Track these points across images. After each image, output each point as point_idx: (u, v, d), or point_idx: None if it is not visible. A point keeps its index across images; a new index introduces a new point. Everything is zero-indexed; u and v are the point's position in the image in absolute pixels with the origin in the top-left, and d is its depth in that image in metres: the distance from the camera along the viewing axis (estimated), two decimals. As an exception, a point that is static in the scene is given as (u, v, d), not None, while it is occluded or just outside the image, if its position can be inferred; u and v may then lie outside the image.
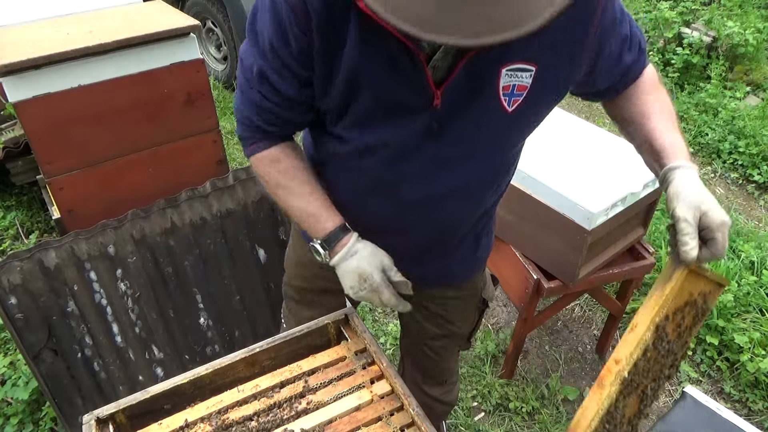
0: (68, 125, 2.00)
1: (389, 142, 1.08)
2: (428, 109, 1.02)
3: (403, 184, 1.14)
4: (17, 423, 2.15)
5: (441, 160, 1.10)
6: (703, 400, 1.47)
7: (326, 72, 1.01)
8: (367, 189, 1.19)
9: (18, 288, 1.76)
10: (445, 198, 1.17)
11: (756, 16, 5.18)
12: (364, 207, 1.22)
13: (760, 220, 3.46)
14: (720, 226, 1.01)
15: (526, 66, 1.00)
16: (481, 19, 0.68)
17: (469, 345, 1.66)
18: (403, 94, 1.01)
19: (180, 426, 1.15)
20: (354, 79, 1.00)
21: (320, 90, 1.05)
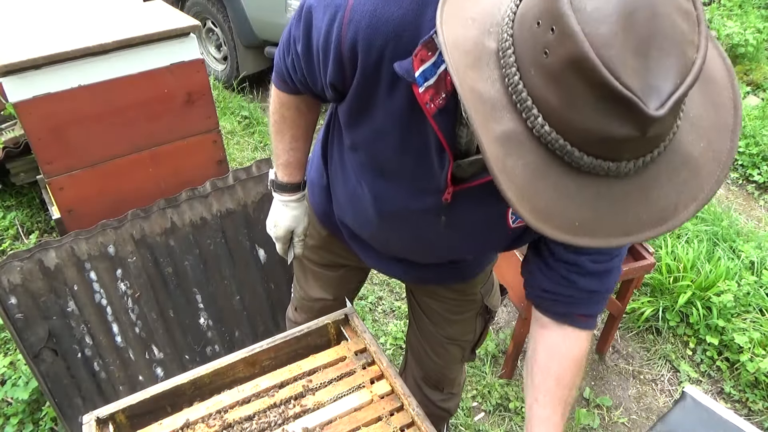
0: (68, 125, 1.99)
1: (396, 199, 1.11)
2: (437, 195, 1.04)
3: (398, 235, 1.20)
4: (17, 423, 2.15)
5: (440, 239, 1.15)
6: (703, 400, 1.47)
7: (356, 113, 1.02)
8: (363, 211, 1.22)
9: (18, 288, 1.76)
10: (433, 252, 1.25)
11: (756, 16, 5.18)
12: (355, 215, 1.27)
13: (760, 220, 3.46)
14: None
15: None
16: (633, 219, 0.70)
17: (473, 356, 1.64)
18: (420, 174, 1.03)
19: (180, 426, 1.15)
20: (381, 134, 1.01)
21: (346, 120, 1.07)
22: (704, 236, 3.00)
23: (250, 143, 4.02)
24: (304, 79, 1.11)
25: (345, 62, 0.95)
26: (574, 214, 0.70)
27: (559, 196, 0.69)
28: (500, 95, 0.69)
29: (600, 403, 2.37)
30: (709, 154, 0.72)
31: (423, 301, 1.52)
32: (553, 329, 1.09)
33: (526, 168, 0.68)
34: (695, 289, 2.64)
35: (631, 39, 0.60)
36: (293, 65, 1.12)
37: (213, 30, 4.53)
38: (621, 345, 2.65)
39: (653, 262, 2.19)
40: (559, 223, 0.70)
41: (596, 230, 0.70)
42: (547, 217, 0.69)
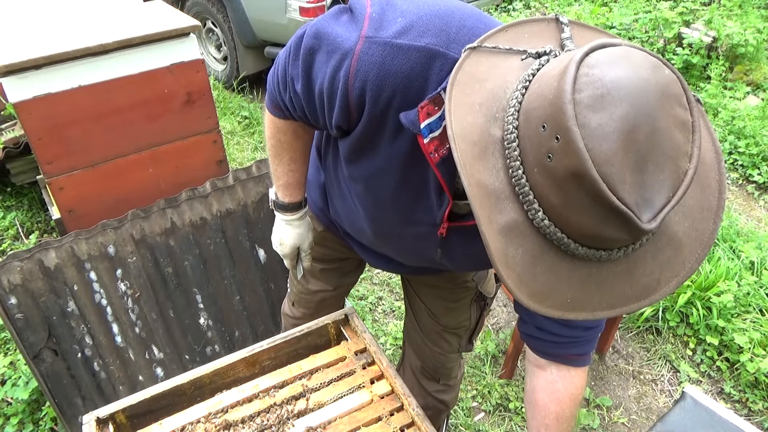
0: (68, 125, 2.00)
1: (390, 220, 1.13)
2: (433, 230, 1.07)
3: (390, 245, 1.24)
4: (17, 423, 2.15)
5: (431, 257, 1.16)
6: (703, 400, 1.47)
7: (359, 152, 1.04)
8: (358, 223, 1.25)
9: (18, 288, 1.76)
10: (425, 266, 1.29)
11: (756, 16, 5.18)
12: (351, 223, 1.31)
13: (760, 220, 3.46)
14: None
15: None
16: (619, 294, 0.77)
17: (470, 346, 1.65)
18: (417, 208, 1.06)
19: (180, 426, 1.15)
20: (380, 174, 1.04)
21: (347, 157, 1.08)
22: (704, 236, 3.00)
23: (250, 143, 4.02)
24: (303, 115, 1.11)
25: (352, 108, 0.96)
26: (566, 294, 0.76)
27: (554, 279, 0.75)
28: (504, 186, 0.74)
29: (600, 403, 2.37)
30: (692, 234, 0.77)
31: (419, 289, 1.54)
32: (549, 369, 1.13)
33: (525, 255, 0.74)
34: (695, 289, 2.64)
35: (630, 156, 0.65)
36: (291, 102, 1.11)
37: (213, 30, 4.53)
38: (621, 345, 2.65)
39: (653, 262, 2.19)
40: (552, 303, 0.76)
41: (585, 306, 0.77)
42: (542, 298, 0.75)
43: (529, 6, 6.17)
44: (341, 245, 1.48)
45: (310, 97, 1.04)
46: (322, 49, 0.96)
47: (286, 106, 1.15)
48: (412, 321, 1.63)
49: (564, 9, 5.90)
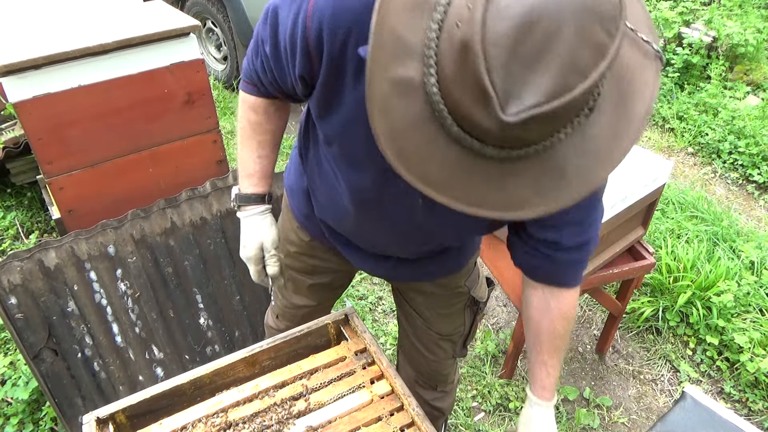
0: (68, 125, 1.99)
1: (370, 188, 1.11)
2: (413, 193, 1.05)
3: (375, 221, 1.19)
4: (17, 423, 2.15)
5: (417, 230, 1.16)
6: (703, 400, 1.47)
7: (325, 105, 1.05)
8: (342, 207, 1.22)
9: (18, 288, 1.76)
10: (412, 242, 1.25)
11: (756, 16, 5.18)
12: (336, 218, 1.28)
13: (760, 220, 3.46)
14: None
15: None
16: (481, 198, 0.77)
17: (465, 351, 1.64)
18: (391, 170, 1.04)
19: (180, 426, 1.15)
20: (351, 126, 1.03)
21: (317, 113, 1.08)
22: (704, 236, 3.00)
23: (250, 143, 4.02)
24: (274, 80, 1.14)
25: (312, 52, 0.97)
26: (433, 168, 0.76)
27: (427, 150, 0.75)
28: (417, 45, 0.74)
29: (600, 403, 2.37)
30: (580, 174, 0.76)
31: (411, 298, 1.52)
32: (542, 289, 1.18)
33: (405, 113, 0.75)
34: (695, 289, 2.64)
35: (520, 46, 0.64)
36: (263, 67, 1.14)
37: (213, 30, 4.53)
38: (621, 345, 2.65)
39: (653, 262, 2.19)
40: (416, 172, 0.76)
41: (484, 203, 0.77)
42: (410, 162, 0.76)
43: (529, 6, 6.16)
44: (328, 253, 1.45)
45: (277, 54, 1.07)
46: (284, 4, 1.01)
47: (258, 75, 1.17)
48: (405, 331, 1.62)
49: (564, 9, 5.90)
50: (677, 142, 4.16)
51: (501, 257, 2.24)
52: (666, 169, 2.04)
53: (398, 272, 1.39)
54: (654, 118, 4.39)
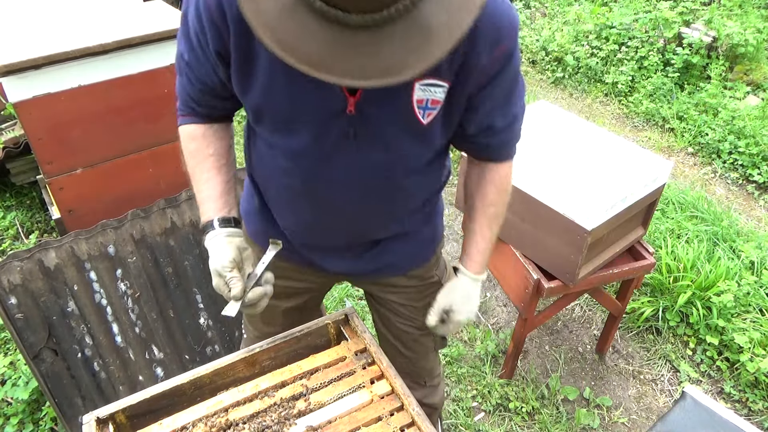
0: (68, 125, 2.00)
1: (310, 148, 1.12)
2: (343, 115, 1.08)
3: (328, 188, 1.19)
4: (17, 423, 2.15)
5: (362, 164, 1.15)
6: (703, 400, 1.47)
7: (244, 76, 1.08)
8: (293, 190, 1.22)
9: (18, 288, 1.76)
10: (370, 199, 1.22)
11: (756, 16, 5.18)
12: (293, 209, 1.27)
13: (760, 220, 3.46)
14: (455, 323, 1.36)
15: (440, 82, 1.07)
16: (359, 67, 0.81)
17: (444, 342, 1.65)
18: (318, 99, 1.07)
19: (180, 426, 1.15)
20: (271, 82, 1.05)
21: (239, 88, 1.11)
22: (704, 236, 3.00)
23: (250, 143, 4.02)
24: (202, 85, 1.16)
25: (217, 22, 1.02)
26: (312, 49, 0.81)
27: (302, 30, 0.80)
28: None
29: (600, 403, 2.37)
30: (445, 27, 0.83)
31: (385, 299, 1.51)
32: (478, 164, 1.32)
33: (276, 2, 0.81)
34: (695, 289, 2.64)
35: None
36: (188, 80, 1.17)
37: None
38: (621, 345, 2.65)
39: (653, 262, 2.19)
40: (302, 57, 0.81)
41: (334, 68, 0.81)
42: (290, 50, 0.81)
43: (529, 6, 6.17)
44: (298, 271, 1.44)
45: (194, 52, 1.11)
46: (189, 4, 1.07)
47: (187, 94, 1.20)
48: (384, 337, 1.62)
49: (564, 9, 5.90)
50: (677, 142, 4.16)
51: (501, 257, 2.24)
52: (666, 169, 2.04)
53: (373, 263, 1.38)
54: (654, 118, 4.40)
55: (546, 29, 5.51)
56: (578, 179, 1.93)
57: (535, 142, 2.13)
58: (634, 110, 4.51)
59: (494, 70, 1.09)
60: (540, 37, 5.39)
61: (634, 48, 4.89)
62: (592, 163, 2.02)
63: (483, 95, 1.12)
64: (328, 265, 1.39)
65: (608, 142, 2.15)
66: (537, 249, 2.07)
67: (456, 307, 1.35)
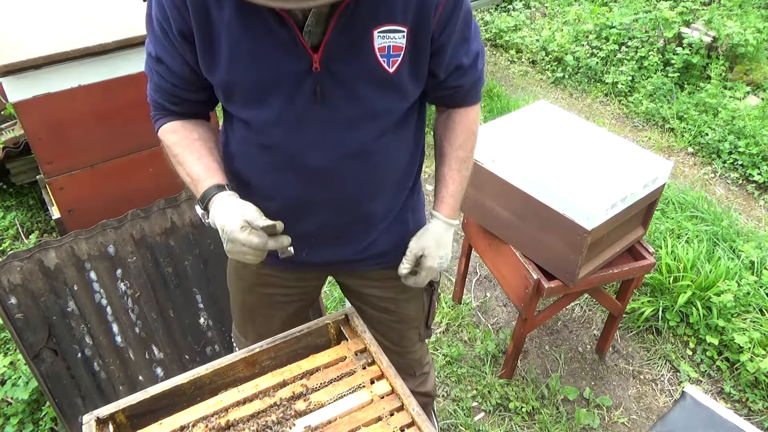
0: (68, 125, 2.00)
1: (282, 113, 1.13)
2: (310, 74, 1.09)
3: (305, 152, 1.18)
4: (17, 423, 2.15)
5: (335, 123, 1.15)
6: (703, 400, 1.47)
7: (209, 53, 1.09)
8: (276, 167, 1.22)
9: (18, 288, 1.76)
10: (347, 161, 1.20)
11: (756, 16, 5.18)
12: (277, 187, 1.25)
13: (760, 220, 3.46)
14: (427, 269, 1.35)
15: (397, 27, 1.08)
16: None
17: (429, 332, 1.66)
18: (283, 62, 1.08)
19: (180, 426, 1.15)
20: (235, 53, 1.07)
21: (206, 69, 1.12)
22: (704, 236, 3.00)
23: (250, 143, 4.02)
24: (171, 77, 1.16)
25: (177, 3, 1.04)
26: None
27: None
28: None
29: (600, 403, 2.37)
30: None
31: (369, 294, 1.51)
32: (446, 111, 1.35)
33: None
34: (695, 289, 2.64)
35: None
36: (159, 75, 1.18)
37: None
38: (621, 345, 2.65)
39: (653, 262, 2.19)
40: None
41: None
42: None
43: (529, 6, 6.17)
44: (285, 278, 1.44)
45: (157, 42, 1.13)
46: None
47: (160, 91, 1.20)
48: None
49: (564, 9, 5.90)
50: (677, 142, 4.16)
51: (501, 257, 2.24)
52: (666, 169, 2.04)
53: (363, 251, 1.37)
54: (654, 118, 4.40)
55: (546, 29, 5.51)
56: (578, 179, 1.93)
57: (535, 142, 2.13)
58: (634, 110, 4.51)
59: (448, 8, 1.11)
60: (540, 37, 5.39)
61: (634, 48, 4.89)
62: (592, 163, 2.02)
63: (445, 35, 1.14)
64: (316, 256, 1.37)
65: (608, 142, 2.15)
66: (537, 249, 2.07)
67: (428, 252, 1.34)
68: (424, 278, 1.37)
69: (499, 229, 2.18)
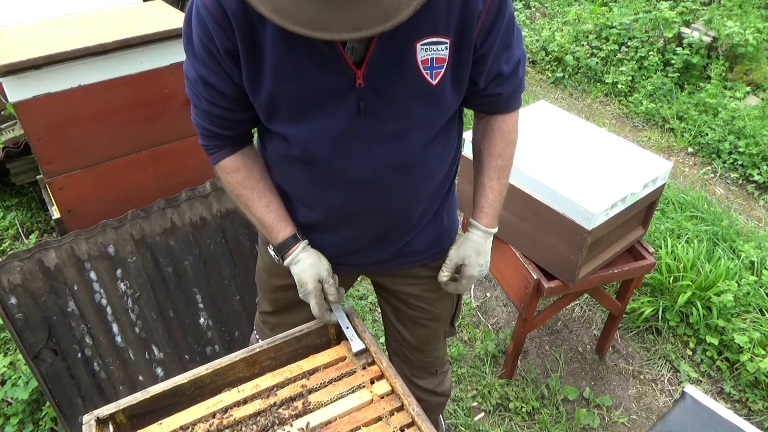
0: (68, 125, 2.00)
1: (326, 128, 1.13)
2: (353, 90, 1.08)
3: (349, 165, 1.18)
4: (17, 423, 2.15)
5: (379, 137, 1.15)
6: (703, 400, 1.47)
7: (253, 70, 1.08)
8: (318, 179, 1.23)
9: (18, 288, 1.76)
10: (391, 173, 1.21)
11: (756, 16, 5.18)
12: (320, 199, 1.27)
13: (760, 220, 3.46)
14: (468, 277, 1.38)
15: (440, 39, 1.07)
16: (361, 16, 0.84)
17: (454, 331, 1.67)
18: (326, 79, 1.07)
19: (180, 426, 1.15)
20: (279, 70, 1.06)
21: (251, 88, 1.11)
22: (704, 236, 3.00)
23: (250, 143, 4.02)
24: (221, 99, 1.14)
25: (220, 21, 1.03)
26: (309, 13, 0.84)
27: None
28: None
29: (600, 403, 2.37)
30: None
31: (400, 291, 1.51)
32: (485, 118, 1.33)
33: None
34: (695, 289, 2.64)
35: None
36: (208, 101, 1.15)
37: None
38: (621, 345, 2.65)
39: (653, 262, 2.19)
40: (298, 20, 0.84)
41: (331, 26, 0.84)
42: (286, 15, 0.85)
43: (529, 6, 6.17)
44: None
45: (203, 65, 1.10)
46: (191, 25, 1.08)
47: (210, 119, 1.18)
48: (395, 331, 1.62)
49: (564, 9, 5.90)
50: (677, 142, 4.16)
51: (501, 257, 2.24)
52: (666, 169, 2.04)
53: (401, 251, 1.38)
54: (654, 118, 4.40)
55: (546, 29, 5.51)
56: (578, 179, 1.93)
57: (536, 142, 2.13)
58: (634, 110, 4.51)
59: (491, 16, 1.09)
60: (540, 37, 5.39)
61: (634, 48, 4.89)
62: (592, 163, 2.02)
63: (487, 44, 1.13)
64: (356, 259, 1.40)
65: (608, 142, 2.15)
66: (537, 249, 2.07)
67: (468, 261, 1.35)
68: (464, 286, 1.38)
69: (499, 229, 2.18)
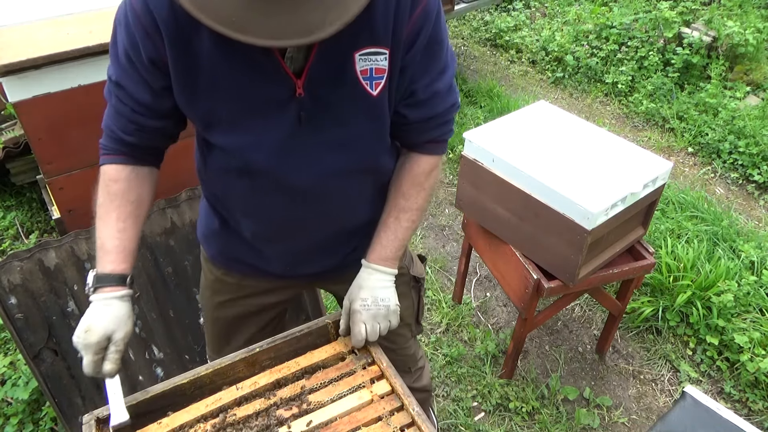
0: (68, 125, 2.00)
1: (266, 138, 1.11)
2: (293, 100, 1.06)
3: (291, 175, 1.16)
4: (17, 423, 2.15)
5: (320, 146, 1.13)
6: (703, 400, 1.47)
7: (188, 81, 1.05)
8: (260, 190, 1.20)
9: (18, 288, 1.76)
10: (334, 181, 1.20)
11: (756, 16, 5.18)
12: (263, 210, 1.25)
13: (760, 220, 3.46)
14: (354, 312, 1.26)
15: (379, 49, 1.06)
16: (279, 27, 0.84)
17: (420, 328, 1.66)
18: (266, 88, 1.06)
19: (180, 426, 1.15)
20: (216, 81, 1.04)
21: (186, 100, 1.09)
22: (704, 236, 3.00)
23: (250, 143, 4.02)
24: (132, 103, 1.11)
25: (148, 29, 1.01)
26: (231, 12, 0.83)
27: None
28: None
29: (600, 403, 2.37)
30: None
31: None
32: (405, 155, 1.29)
33: None
34: (695, 289, 2.64)
35: None
36: (119, 100, 1.12)
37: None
38: (621, 345, 2.65)
39: (653, 262, 2.19)
40: (217, 18, 0.83)
41: (250, 29, 0.83)
42: (205, 10, 0.83)
43: (529, 6, 6.17)
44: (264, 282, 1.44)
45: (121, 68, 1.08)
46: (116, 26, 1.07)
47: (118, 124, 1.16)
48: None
49: (564, 9, 5.90)
50: (677, 142, 4.16)
51: (501, 257, 2.24)
52: (666, 169, 2.04)
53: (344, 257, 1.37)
54: (654, 118, 4.40)
55: (546, 29, 5.51)
56: (578, 179, 1.93)
57: (535, 142, 2.13)
58: (634, 110, 4.51)
59: (414, 32, 1.07)
60: (540, 37, 5.39)
61: (634, 48, 4.89)
62: (592, 163, 2.02)
63: (408, 57, 1.10)
64: (305, 269, 1.38)
65: (608, 142, 2.15)
66: (537, 249, 2.07)
67: (351, 296, 1.27)
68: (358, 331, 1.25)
69: (499, 229, 2.18)
